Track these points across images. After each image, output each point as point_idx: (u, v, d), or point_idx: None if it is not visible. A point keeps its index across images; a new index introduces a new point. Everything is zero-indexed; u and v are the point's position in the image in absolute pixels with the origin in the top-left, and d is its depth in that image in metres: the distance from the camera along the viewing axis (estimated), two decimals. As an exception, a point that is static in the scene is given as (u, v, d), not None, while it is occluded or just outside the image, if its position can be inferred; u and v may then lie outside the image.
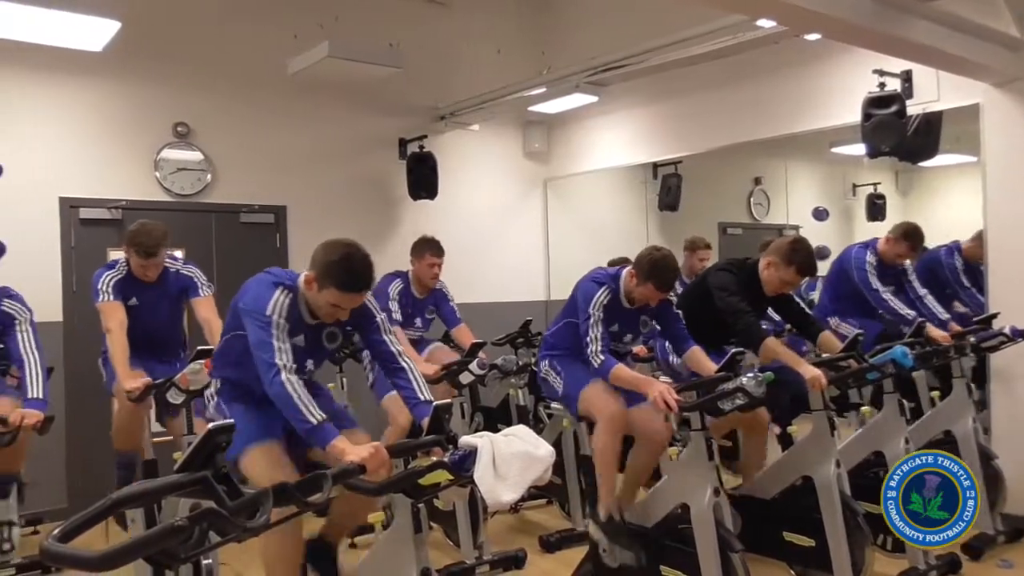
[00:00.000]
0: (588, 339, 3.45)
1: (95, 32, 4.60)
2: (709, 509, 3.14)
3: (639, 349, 4.57)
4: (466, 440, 2.19)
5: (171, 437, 3.90)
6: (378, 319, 2.87)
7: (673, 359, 3.94)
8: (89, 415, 4.93)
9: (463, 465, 2.15)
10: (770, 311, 4.09)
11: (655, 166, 6.85)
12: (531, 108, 6.74)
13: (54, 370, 4.34)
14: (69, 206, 5.31)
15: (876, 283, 4.59)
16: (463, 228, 6.87)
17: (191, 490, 1.58)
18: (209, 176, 5.80)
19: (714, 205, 7.10)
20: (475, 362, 4.19)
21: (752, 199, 6.97)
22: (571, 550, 4.23)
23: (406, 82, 6.11)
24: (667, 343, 3.87)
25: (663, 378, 3.85)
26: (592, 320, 3.47)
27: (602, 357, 3.42)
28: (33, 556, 3.75)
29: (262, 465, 2.66)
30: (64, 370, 4.97)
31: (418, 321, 4.82)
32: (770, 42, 5.05)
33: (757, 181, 6.99)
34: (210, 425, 1.64)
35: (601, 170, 7.25)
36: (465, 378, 4.21)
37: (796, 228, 6.54)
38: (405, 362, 2.83)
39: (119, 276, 3.90)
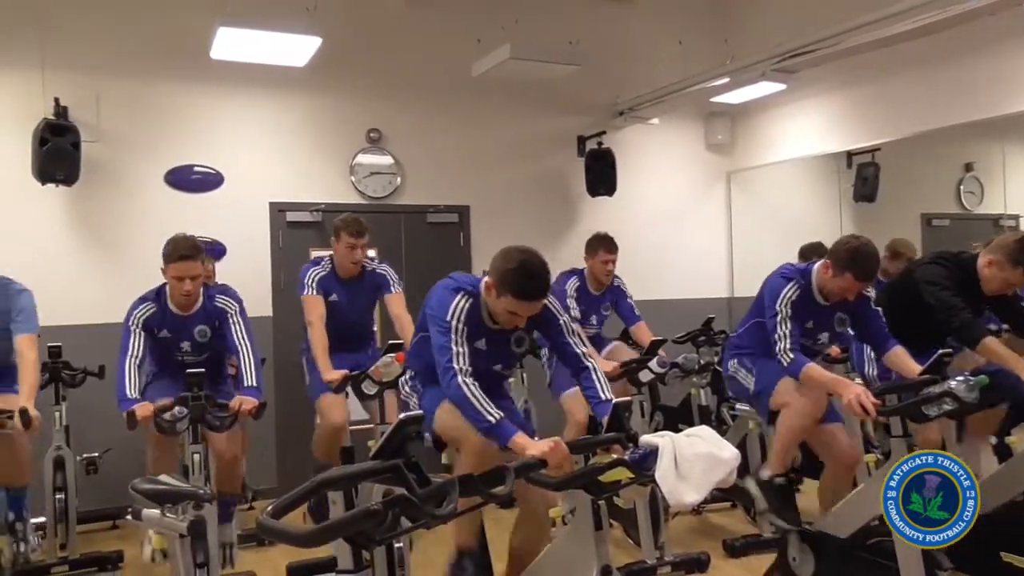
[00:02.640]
0: (776, 336, 3.29)
1: (299, 49, 4.98)
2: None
3: (833, 350, 4.31)
4: (647, 439, 2.18)
5: (369, 425, 4.15)
6: (562, 321, 2.90)
7: (870, 368, 3.69)
8: (296, 402, 5.31)
9: (644, 464, 2.14)
10: None
11: (849, 155, 6.44)
12: (713, 99, 6.55)
13: (266, 360, 4.73)
14: (277, 210, 5.80)
15: None
16: (642, 224, 6.80)
17: (384, 477, 1.67)
18: (399, 179, 6.11)
19: (916, 195, 6.56)
20: (655, 360, 4.14)
21: (962, 187, 6.38)
22: (757, 557, 4.07)
23: (585, 79, 6.13)
24: (865, 345, 3.63)
25: (858, 380, 3.62)
26: (780, 317, 3.31)
27: (792, 355, 3.25)
28: (250, 529, 4.16)
29: (452, 416, 2.74)
30: (273, 361, 5.41)
31: (593, 318, 4.82)
32: (985, 13, 4.59)
33: (968, 167, 6.38)
34: (401, 416, 1.74)
35: (789, 161, 6.92)
36: (644, 376, 4.16)
37: (1016, 218, 5.91)
38: (589, 362, 2.85)
39: (323, 273, 4.24)
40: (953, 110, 5.40)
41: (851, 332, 3.53)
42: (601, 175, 6.48)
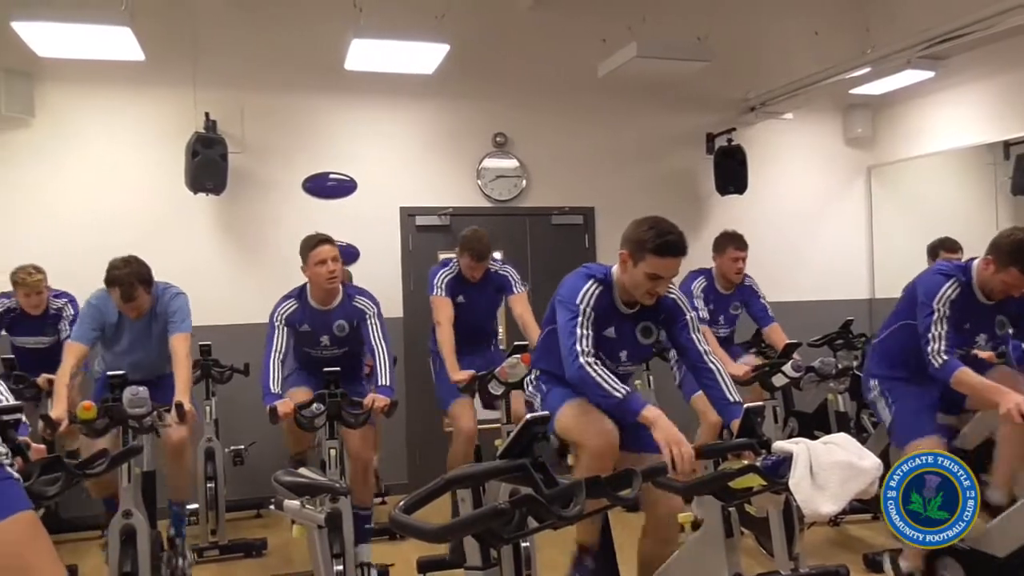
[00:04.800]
0: (929, 336, 3.09)
1: (428, 56, 5.12)
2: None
3: (987, 355, 4.01)
4: (781, 445, 2.11)
5: (496, 425, 4.23)
6: (687, 316, 2.86)
7: None
8: (426, 401, 5.48)
9: (777, 471, 2.09)
10: None
11: (1006, 145, 5.98)
12: (853, 91, 6.25)
13: (397, 360, 4.90)
14: (407, 215, 5.98)
15: None
16: (775, 222, 6.60)
17: (511, 476, 1.70)
18: (524, 182, 6.18)
19: (1085, 186, 6.02)
20: (789, 363, 4.01)
21: None
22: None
23: (714, 75, 6.00)
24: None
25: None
26: (936, 316, 3.10)
27: (944, 357, 3.05)
28: (382, 523, 4.33)
29: (575, 417, 2.77)
30: (404, 361, 5.59)
31: (722, 319, 4.71)
32: None
33: None
34: (527, 416, 1.76)
35: (937, 153, 6.51)
36: (778, 380, 4.04)
37: None
38: (712, 362, 2.79)
39: (451, 275, 4.38)
40: None
41: (1010, 333, 3.28)
42: (731, 173, 6.33)
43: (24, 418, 2.27)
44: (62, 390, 3.59)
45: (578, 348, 2.66)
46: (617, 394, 2.56)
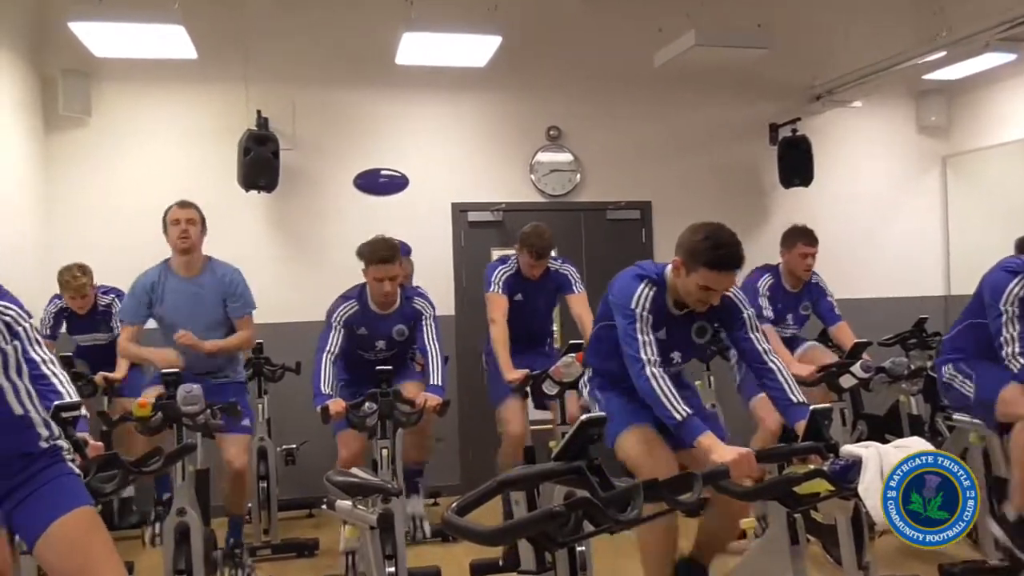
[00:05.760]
0: (1003, 338, 3.00)
1: (480, 49, 5.14)
2: None
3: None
4: (849, 449, 2.07)
5: (549, 426, 4.24)
6: (745, 315, 2.84)
7: None
8: (478, 401, 5.48)
9: (846, 476, 2.04)
10: None
11: (1094, 131, 5.75)
12: (926, 76, 6.07)
13: (449, 359, 4.93)
14: (459, 210, 6.02)
15: None
16: (842, 216, 6.45)
17: (566, 478, 1.69)
18: (578, 176, 6.16)
19: None
20: (858, 364, 3.92)
21: None
22: (980, 586, 3.73)
23: (777, 62, 5.89)
24: None
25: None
26: (1007, 317, 3.02)
27: (1023, 361, 2.96)
28: (435, 524, 4.37)
29: (638, 448, 2.76)
30: (456, 360, 5.62)
31: (790, 318, 4.62)
32: None
33: None
34: (582, 417, 1.75)
35: (1018, 141, 6.27)
36: (846, 381, 3.95)
37: None
38: (773, 362, 2.75)
39: (510, 272, 4.38)
40: None
41: None
42: (796, 164, 6.22)
43: (85, 411, 2.36)
44: (127, 353, 4.02)
45: (643, 356, 2.66)
46: (677, 415, 2.55)
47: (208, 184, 5.52)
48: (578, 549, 2.85)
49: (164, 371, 3.53)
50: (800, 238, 4.53)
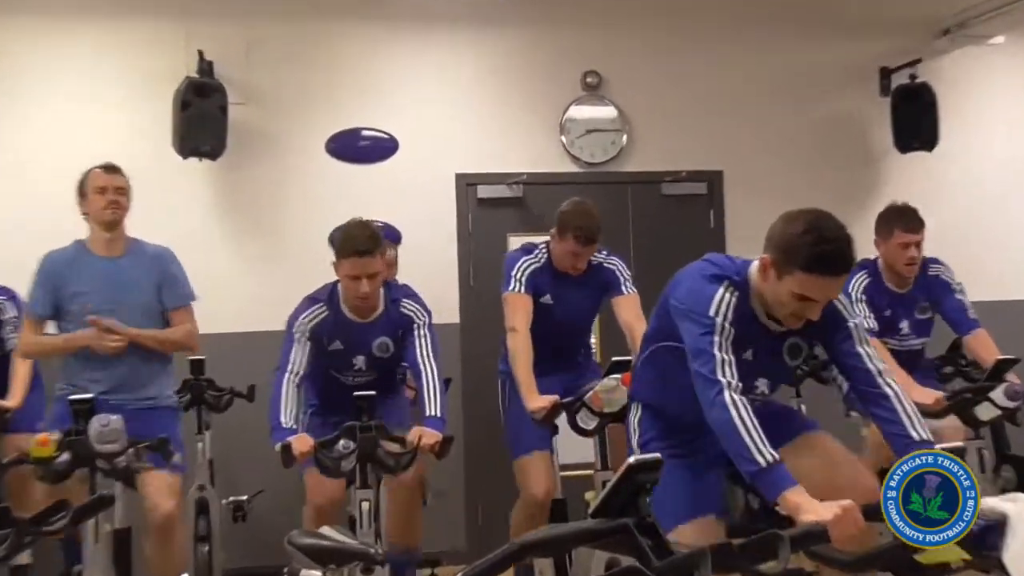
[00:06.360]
0: None
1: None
2: None
3: None
4: (991, 504, 2.04)
5: (588, 472, 4.20)
6: (850, 324, 2.84)
7: None
8: (490, 434, 5.45)
9: (985, 540, 2.02)
10: None
11: None
12: (1091, 3, 6.03)
13: (451, 382, 4.92)
14: (466, 184, 6.02)
15: None
16: (977, 191, 6.48)
17: (608, 541, 1.67)
18: (624, 137, 6.15)
19: None
20: (1001, 388, 3.90)
21: None
22: None
23: (889, -12, 5.88)
24: None
25: None
26: None
27: None
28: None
29: (695, 536, 2.72)
30: (461, 382, 5.63)
31: (904, 325, 4.58)
32: None
33: None
34: (630, 459, 1.72)
35: None
36: (985, 412, 3.95)
37: None
38: (889, 385, 2.72)
39: (537, 265, 4.21)
40: None
41: None
42: (915, 121, 6.20)
43: None
44: (21, 371, 4.15)
45: (721, 379, 2.62)
46: (761, 459, 2.50)
47: (133, 148, 5.49)
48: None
49: (72, 398, 3.53)
50: (897, 222, 4.48)
